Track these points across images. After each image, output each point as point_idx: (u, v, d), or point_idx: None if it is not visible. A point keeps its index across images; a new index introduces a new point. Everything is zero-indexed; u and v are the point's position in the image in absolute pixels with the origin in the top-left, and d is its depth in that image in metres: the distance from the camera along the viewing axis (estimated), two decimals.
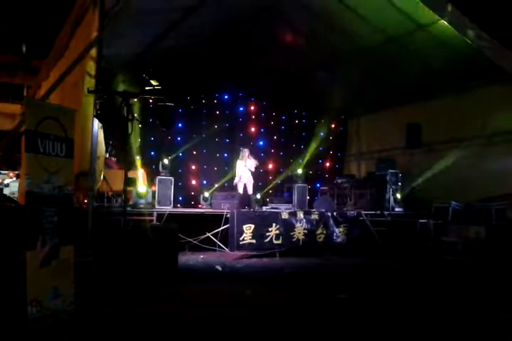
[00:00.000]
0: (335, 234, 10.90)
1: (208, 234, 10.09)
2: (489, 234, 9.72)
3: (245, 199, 11.19)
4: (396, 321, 4.96)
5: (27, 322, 4.04)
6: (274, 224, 10.18)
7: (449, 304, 5.88)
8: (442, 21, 9.23)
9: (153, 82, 6.81)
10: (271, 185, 14.20)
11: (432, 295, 6.41)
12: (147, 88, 6.79)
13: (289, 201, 12.26)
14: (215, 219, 10.21)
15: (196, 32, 10.20)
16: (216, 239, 10.09)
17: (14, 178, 12.63)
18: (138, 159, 11.32)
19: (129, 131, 5.88)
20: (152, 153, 12.54)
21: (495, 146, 11.18)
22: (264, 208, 11.50)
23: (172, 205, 10.28)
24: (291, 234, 10.38)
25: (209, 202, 11.27)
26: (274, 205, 11.76)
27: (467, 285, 7.32)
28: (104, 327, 4.48)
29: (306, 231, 10.54)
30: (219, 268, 8.37)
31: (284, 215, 10.40)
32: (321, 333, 4.46)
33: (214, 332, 4.39)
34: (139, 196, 9.74)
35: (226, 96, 14.10)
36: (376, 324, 4.83)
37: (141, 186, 9.95)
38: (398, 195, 12.31)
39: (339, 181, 13.88)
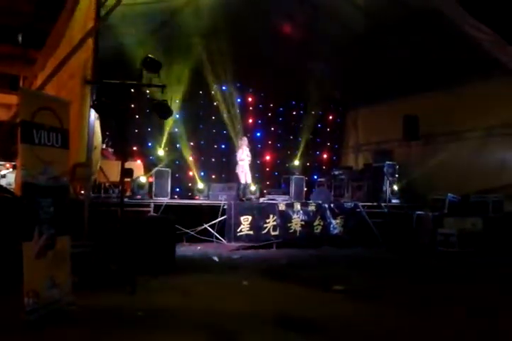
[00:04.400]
0: (332, 226, 10.93)
1: (206, 226, 10.10)
2: (486, 225, 9.78)
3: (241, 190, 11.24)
4: (389, 312, 5.00)
5: (24, 313, 4.05)
6: (271, 216, 10.20)
7: (442, 293, 5.93)
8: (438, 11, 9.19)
9: (151, 73, 6.77)
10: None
11: (424, 285, 6.46)
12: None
13: (287, 192, 12.28)
14: (213, 211, 10.22)
15: (194, 22, 10.12)
16: (213, 230, 10.10)
17: (11, 169, 12.56)
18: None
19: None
20: (149, 143, 12.52)
21: (492, 139, 11.21)
22: (261, 199, 11.52)
23: (169, 196, 10.29)
24: (289, 225, 10.40)
25: (204, 193, 11.27)
26: (271, 197, 11.78)
27: (459, 275, 7.37)
28: (101, 317, 4.49)
29: (303, 222, 10.56)
30: (216, 259, 8.39)
31: (281, 207, 10.41)
32: (316, 324, 4.49)
33: (212, 323, 4.41)
34: (140, 187, 9.74)
35: (224, 88, 14.04)
36: (370, 315, 4.87)
37: (142, 177, 9.95)
38: (395, 187, 12.33)
39: (336, 173, 13.91)
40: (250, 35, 11.19)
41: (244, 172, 11.86)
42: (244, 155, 11.88)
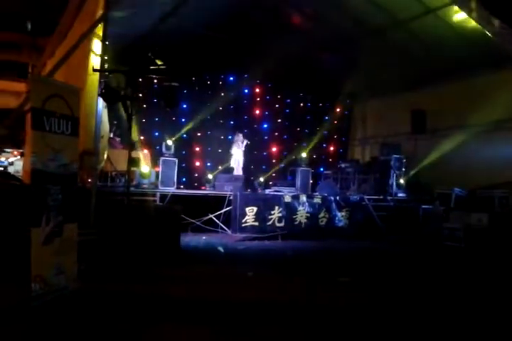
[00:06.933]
0: (337, 218, 10.93)
1: (211, 216, 10.12)
2: (492, 221, 9.72)
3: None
4: (393, 305, 5.01)
5: (30, 298, 4.09)
6: (276, 207, 10.20)
7: (443, 287, 5.94)
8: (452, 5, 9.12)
9: (159, 62, 6.72)
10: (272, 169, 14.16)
11: (427, 280, 6.46)
12: (152, 67, 6.70)
13: (293, 184, 12.28)
14: (218, 201, 10.23)
15: (203, 13, 10.07)
16: (219, 220, 10.13)
17: (19, 156, 12.65)
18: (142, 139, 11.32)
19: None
20: (156, 133, 12.52)
21: (500, 133, 11.13)
22: (267, 191, 11.53)
23: (175, 186, 10.30)
24: (294, 217, 10.41)
25: (212, 184, 11.29)
26: (277, 188, 11.79)
27: (462, 271, 7.37)
28: (105, 304, 4.52)
29: (308, 214, 10.57)
30: (221, 249, 8.42)
31: (287, 198, 10.41)
32: (322, 316, 4.50)
33: (215, 314, 4.43)
34: (143, 176, 9.75)
35: (231, 78, 13.99)
36: (375, 307, 4.89)
37: (145, 166, 9.95)
38: (401, 181, 12.29)
39: (343, 165, 13.87)
40: (259, 26, 11.13)
41: (237, 165, 12.37)
42: (238, 150, 12.42)
